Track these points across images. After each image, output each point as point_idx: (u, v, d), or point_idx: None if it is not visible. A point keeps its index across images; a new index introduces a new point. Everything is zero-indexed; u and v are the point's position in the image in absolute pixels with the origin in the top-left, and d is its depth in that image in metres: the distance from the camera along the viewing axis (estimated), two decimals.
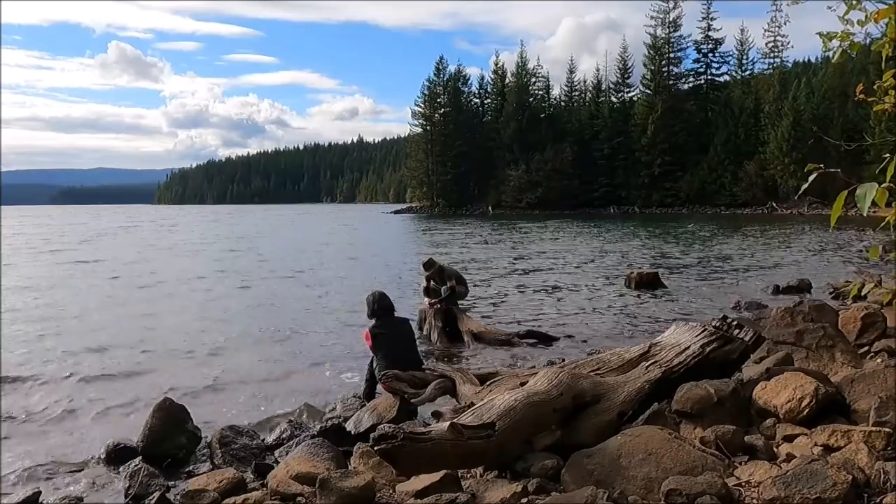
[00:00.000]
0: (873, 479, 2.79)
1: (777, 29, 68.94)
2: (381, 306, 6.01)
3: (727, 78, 74.09)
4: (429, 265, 9.33)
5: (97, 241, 31.84)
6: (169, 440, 4.67)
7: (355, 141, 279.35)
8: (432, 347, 8.28)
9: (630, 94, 77.80)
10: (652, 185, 69.94)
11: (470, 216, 65.95)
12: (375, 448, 3.17)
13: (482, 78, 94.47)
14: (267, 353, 8.01)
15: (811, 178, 2.62)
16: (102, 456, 4.72)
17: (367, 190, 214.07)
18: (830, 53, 3.32)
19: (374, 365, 5.85)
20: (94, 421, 5.61)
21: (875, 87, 3.28)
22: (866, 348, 5.75)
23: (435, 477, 3.24)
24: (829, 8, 3.19)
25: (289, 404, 6.01)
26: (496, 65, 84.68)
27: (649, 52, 73.59)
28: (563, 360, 6.16)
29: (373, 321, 5.96)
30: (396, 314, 6.23)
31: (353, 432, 4.92)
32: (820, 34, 3.24)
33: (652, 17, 73.26)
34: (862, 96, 3.41)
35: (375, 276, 15.98)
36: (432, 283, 9.25)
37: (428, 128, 80.00)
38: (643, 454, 3.21)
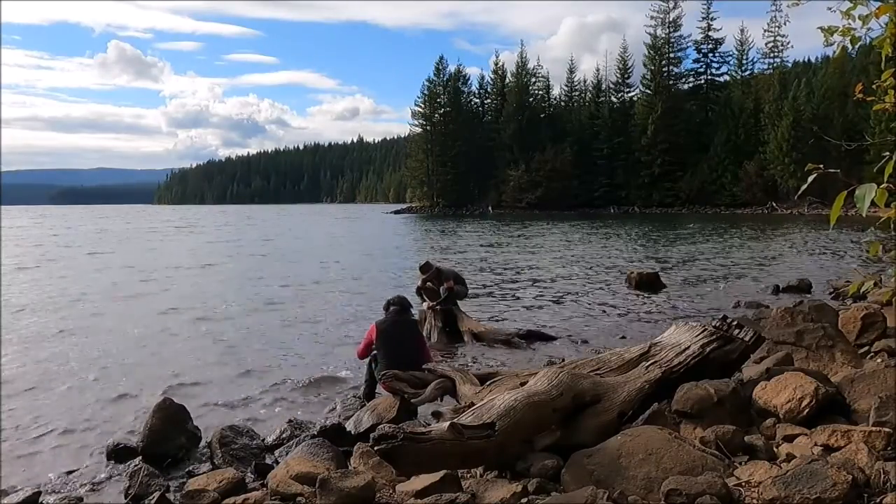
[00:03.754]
0: (873, 479, 2.79)
1: (777, 29, 68.92)
2: (395, 303, 6.16)
3: (727, 78, 74.09)
4: (425, 268, 9.29)
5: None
6: (169, 440, 4.67)
7: (355, 141, 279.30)
8: (432, 347, 8.27)
9: (630, 94, 77.93)
10: (652, 185, 69.94)
11: (470, 216, 65.92)
12: (375, 448, 3.17)
13: (482, 78, 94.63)
14: (267, 354, 8.01)
15: (811, 178, 2.62)
16: (102, 456, 4.73)
17: (367, 190, 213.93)
18: (832, 49, 3.33)
19: (375, 365, 5.87)
20: (94, 421, 5.61)
21: (875, 86, 3.28)
22: (866, 348, 5.75)
23: (435, 477, 3.24)
24: (830, 9, 3.19)
25: (289, 404, 6.01)
26: (496, 65, 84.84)
27: (649, 52, 73.59)
28: (563, 360, 6.16)
29: (384, 315, 6.09)
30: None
31: (353, 432, 4.92)
32: (821, 28, 3.24)
33: (652, 18, 73.38)
34: (861, 96, 3.41)
35: (380, 277, 16.01)
36: (429, 284, 9.21)
37: (428, 128, 79.98)
38: (643, 454, 3.21)
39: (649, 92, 73.35)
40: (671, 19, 72.51)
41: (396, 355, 5.72)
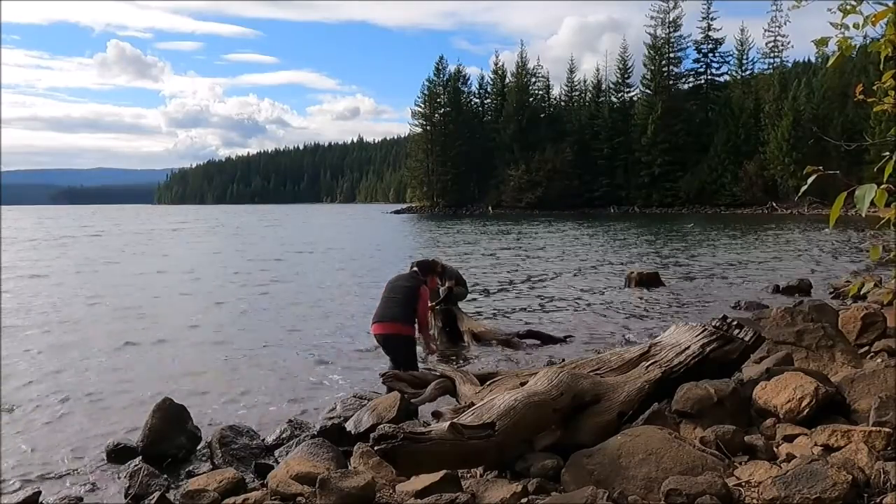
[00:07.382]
0: (873, 479, 2.79)
1: (777, 29, 69.05)
2: (416, 264, 7.31)
3: (727, 78, 74.17)
4: (431, 265, 9.27)
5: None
6: (169, 440, 4.67)
7: (355, 141, 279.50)
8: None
9: (630, 94, 78.05)
10: (652, 185, 69.99)
11: (470, 216, 65.90)
12: (375, 448, 3.16)
13: (482, 78, 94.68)
14: (267, 353, 8.01)
15: (810, 180, 2.62)
16: (102, 456, 4.72)
17: (367, 190, 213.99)
18: (828, 55, 3.32)
19: None
20: (95, 421, 5.60)
21: (875, 87, 3.28)
22: (866, 348, 5.74)
23: (435, 477, 3.24)
24: (830, 10, 3.18)
25: (289, 404, 6.01)
26: (496, 65, 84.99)
27: (649, 52, 73.67)
28: (563, 360, 6.16)
29: None
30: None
31: (353, 432, 4.91)
32: (815, 42, 3.24)
33: (652, 17, 73.51)
34: (862, 96, 3.41)
35: (379, 277, 16.02)
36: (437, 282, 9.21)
37: (428, 128, 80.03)
38: (643, 454, 3.21)
39: (649, 92, 73.44)
40: (671, 19, 72.72)
41: (382, 308, 6.57)
